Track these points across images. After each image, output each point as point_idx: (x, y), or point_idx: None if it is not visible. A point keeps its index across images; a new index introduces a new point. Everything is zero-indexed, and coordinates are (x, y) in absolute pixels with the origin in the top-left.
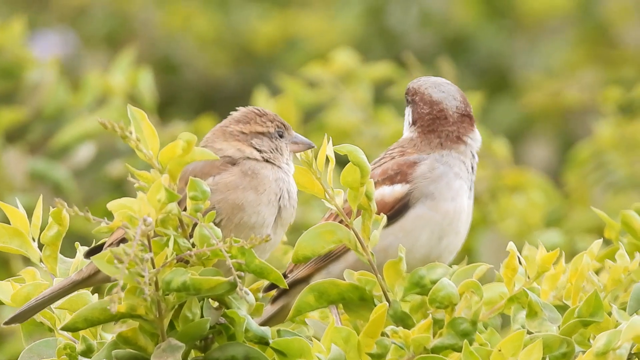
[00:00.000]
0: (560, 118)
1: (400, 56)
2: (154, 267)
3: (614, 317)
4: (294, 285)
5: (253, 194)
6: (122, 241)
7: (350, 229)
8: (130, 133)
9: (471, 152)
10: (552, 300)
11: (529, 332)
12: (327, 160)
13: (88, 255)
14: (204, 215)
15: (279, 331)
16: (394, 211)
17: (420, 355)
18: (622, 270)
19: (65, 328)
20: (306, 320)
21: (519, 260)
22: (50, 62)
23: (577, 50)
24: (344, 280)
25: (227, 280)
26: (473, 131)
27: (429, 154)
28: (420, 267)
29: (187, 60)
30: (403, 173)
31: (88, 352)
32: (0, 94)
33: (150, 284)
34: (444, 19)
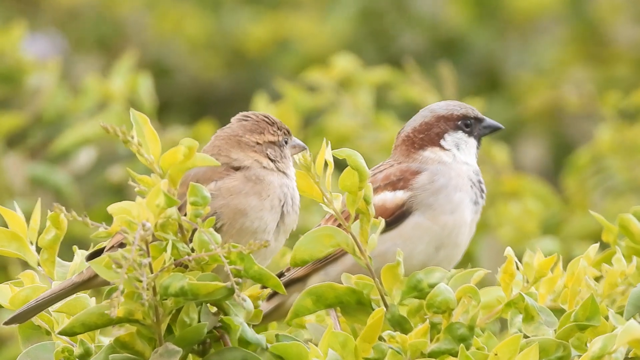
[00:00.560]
0: (553, 119)
1: (393, 58)
2: (152, 272)
3: (610, 321)
4: (290, 284)
5: (256, 199)
6: (122, 245)
7: (348, 232)
8: (132, 137)
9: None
10: (549, 304)
11: (526, 336)
12: (326, 165)
13: (89, 259)
14: (203, 221)
15: (277, 336)
16: (394, 217)
17: None
18: (618, 274)
19: (62, 332)
20: (307, 325)
21: (517, 266)
22: (49, 67)
23: (567, 49)
24: (342, 283)
25: (224, 286)
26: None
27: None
28: (417, 271)
29: (179, 63)
30: (405, 180)
31: (86, 355)
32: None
33: (148, 289)
34: (436, 20)
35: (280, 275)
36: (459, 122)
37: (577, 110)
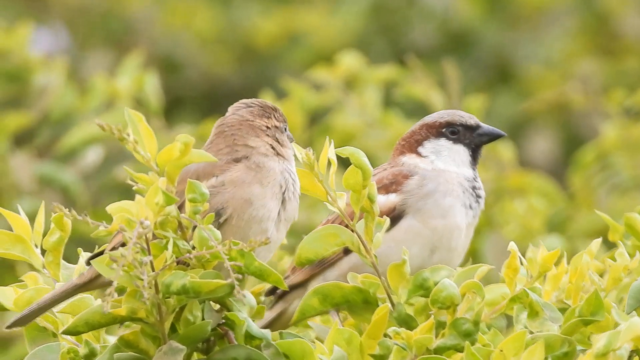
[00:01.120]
0: (563, 113)
1: (403, 53)
2: (153, 270)
3: (613, 316)
4: (290, 291)
5: (258, 187)
6: (123, 245)
7: (353, 231)
8: (128, 135)
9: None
10: (554, 300)
11: (531, 332)
12: (330, 163)
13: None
14: (203, 217)
15: (281, 333)
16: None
17: (423, 356)
18: (622, 269)
19: (66, 332)
20: (310, 323)
21: (520, 261)
22: (56, 66)
23: (577, 41)
24: (348, 283)
25: (226, 283)
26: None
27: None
28: (424, 270)
29: (189, 59)
30: (397, 183)
31: (91, 355)
32: (7, 98)
33: (150, 287)
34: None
35: None
36: (443, 130)
37: (582, 107)
